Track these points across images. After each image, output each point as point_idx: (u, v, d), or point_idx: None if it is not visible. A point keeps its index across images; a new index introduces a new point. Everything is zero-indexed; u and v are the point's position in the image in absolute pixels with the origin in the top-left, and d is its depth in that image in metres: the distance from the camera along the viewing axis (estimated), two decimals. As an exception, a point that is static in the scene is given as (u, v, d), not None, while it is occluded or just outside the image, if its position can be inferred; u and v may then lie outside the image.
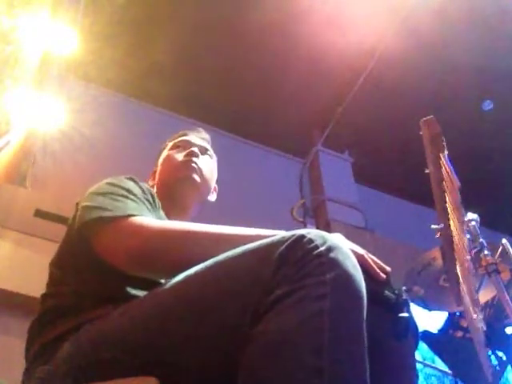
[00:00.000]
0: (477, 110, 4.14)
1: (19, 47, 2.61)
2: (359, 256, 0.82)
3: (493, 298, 2.24)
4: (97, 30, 3.25)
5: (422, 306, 2.41)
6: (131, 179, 1.07)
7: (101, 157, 3.39)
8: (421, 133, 1.66)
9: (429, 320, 2.67)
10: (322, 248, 0.70)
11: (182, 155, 1.26)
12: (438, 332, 2.60)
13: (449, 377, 3.02)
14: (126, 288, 0.95)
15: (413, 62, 3.81)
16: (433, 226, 1.56)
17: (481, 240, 1.77)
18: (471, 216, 1.79)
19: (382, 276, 0.84)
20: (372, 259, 0.86)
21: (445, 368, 2.66)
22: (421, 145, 1.66)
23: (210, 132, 1.42)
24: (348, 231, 3.70)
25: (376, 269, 0.84)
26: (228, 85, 4.01)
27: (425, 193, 1.76)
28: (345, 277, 0.68)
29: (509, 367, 2.43)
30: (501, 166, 4.50)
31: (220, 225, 0.91)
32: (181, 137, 1.34)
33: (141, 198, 1.02)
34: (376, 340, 0.71)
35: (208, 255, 0.80)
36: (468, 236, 1.64)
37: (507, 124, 4.22)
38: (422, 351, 3.10)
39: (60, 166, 3.20)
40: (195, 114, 3.71)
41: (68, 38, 3.01)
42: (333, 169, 4.42)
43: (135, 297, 0.93)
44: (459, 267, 1.46)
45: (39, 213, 2.84)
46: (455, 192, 1.59)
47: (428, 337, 2.57)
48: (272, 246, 0.73)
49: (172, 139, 1.35)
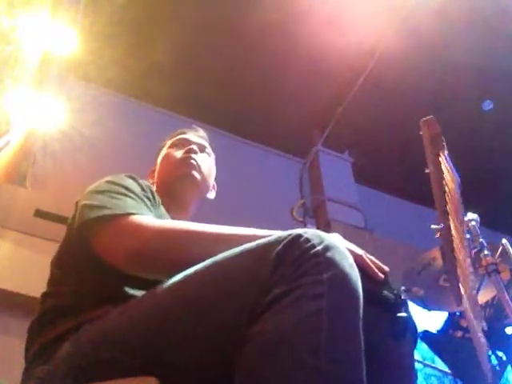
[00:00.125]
0: (477, 110, 4.14)
1: (19, 47, 2.61)
2: (357, 256, 0.82)
3: (493, 298, 2.24)
4: (97, 30, 3.25)
5: (422, 306, 2.41)
6: (131, 177, 1.08)
7: (101, 157, 3.39)
8: (421, 133, 1.66)
9: (429, 320, 2.67)
10: (319, 247, 0.70)
11: (181, 153, 1.27)
12: (438, 332, 2.59)
13: (449, 377, 3.02)
14: (126, 288, 0.95)
15: (413, 62, 3.81)
16: (433, 226, 1.56)
17: (481, 240, 1.77)
18: (471, 216, 1.79)
19: (380, 276, 0.84)
20: (370, 259, 0.86)
21: (445, 368, 2.66)
22: (421, 145, 1.66)
23: (210, 132, 1.43)
24: (348, 231, 3.70)
25: (374, 269, 0.84)
26: (228, 85, 4.01)
27: (425, 193, 1.76)
28: (341, 276, 0.68)
29: (509, 367, 2.43)
30: (501, 166, 4.50)
31: (220, 225, 0.91)
32: (179, 135, 1.35)
33: (140, 196, 1.02)
34: (374, 340, 0.71)
35: (207, 255, 0.80)
36: (468, 236, 1.64)
37: (507, 124, 4.22)
38: (422, 351, 3.10)
39: (60, 166, 3.20)
40: (195, 114, 3.70)
41: (68, 38, 3.01)
42: (333, 169, 4.42)
43: (135, 297, 0.93)
44: (459, 267, 1.46)
45: (39, 213, 2.84)
46: (455, 192, 1.59)
47: (428, 337, 2.57)
48: (269, 246, 0.73)
49: (170, 138, 1.36)
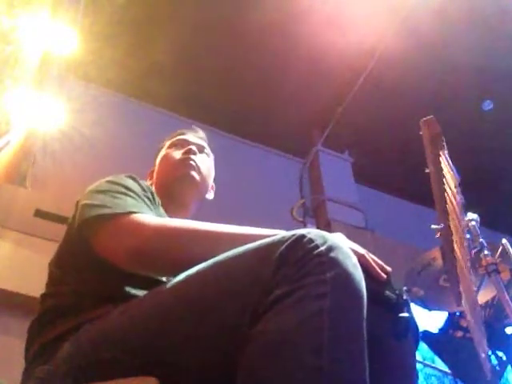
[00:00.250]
0: (477, 110, 4.14)
1: (19, 47, 2.61)
2: (360, 256, 0.82)
3: (493, 298, 2.24)
4: (97, 30, 3.25)
5: (422, 306, 2.41)
6: (131, 177, 1.08)
7: (101, 157, 3.39)
8: (421, 133, 1.66)
9: (429, 320, 2.67)
10: (323, 248, 0.70)
11: (180, 153, 1.27)
12: (438, 332, 2.59)
13: (449, 377, 3.02)
14: (126, 287, 0.95)
15: (413, 62, 3.81)
16: (433, 226, 1.56)
17: (481, 240, 1.76)
18: (471, 216, 1.78)
19: (383, 276, 0.84)
20: (373, 259, 0.86)
21: (445, 368, 2.66)
22: (421, 145, 1.66)
23: (210, 132, 1.43)
24: (348, 231, 3.69)
25: (377, 269, 0.84)
26: (228, 85, 4.01)
27: (425, 193, 1.76)
28: (345, 276, 0.68)
29: (509, 367, 2.43)
30: (501, 166, 4.50)
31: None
32: (178, 136, 1.35)
33: (140, 196, 1.02)
34: (376, 340, 0.71)
35: (208, 254, 0.80)
36: (468, 236, 1.64)
37: (507, 124, 4.22)
38: (422, 351, 3.10)
39: (60, 166, 3.20)
40: (195, 114, 3.70)
41: (68, 38, 3.01)
42: (333, 169, 4.42)
43: (135, 296, 0.93)
44: (459, 267, 1.46)
45: (39, 213, 2.85)
46: (455, 192, 1.59)
47: (428, 337, 2.57)
48: (272, 246, 0.73)
49: (169, 138, 1.36)
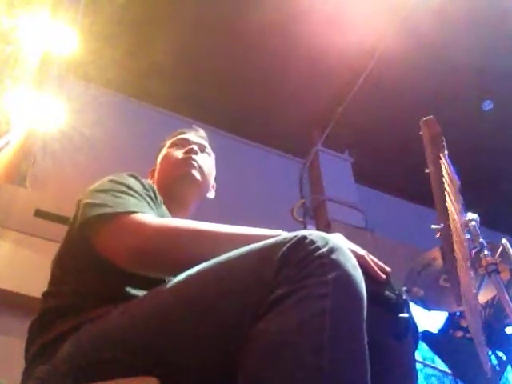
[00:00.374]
0: (477, 110, 4.14)
1: (19, 47, 2.61)
2: (360, 257, 0.83)
3: (493, 298, 2.24)
4: (97, 30, 3.25)
5: (422, 306, 2.41)
6: (132, 176, 1.07)
7: (101, 157, 3.39)
8: (421, 133, 1.66)
9: (429, 320, 2.66)
10: (324, 249, 0.70)
11: (181, 153, 1.27)
12: (438, 332, 2.59)
13: (449, 377, 3.02)
14: (127, 288, 0.95)
15: (413, 62, 3.81)
16: (433, 226, 1.56)
17: (481, 240, 1.76)
18: (471, 216, 1.78)
19: (382, 276, 0.84)
20: (372, 260, 0.86)
21: (445, 368, 2.66)
22: (421, 145, 1.66)
23: (210, 132, 1.43)
24: (348, 231, 3.70)
25: (376, 269, 0.84)
26: (228, 85, 4.01)
27: (425, 193, 1.76)
28: (346, 277, 0.69)
29: (509, 367, 2.43)
30: (501, 166, 4.50)
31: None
32: (179, 135, 1.35)
33: (142, 195, 1.02)
34: (376, 340, 0.71)
35: (209, 254, 0.80)
36: (468, 236, 1.64)
37: (507, 124, 4.22)
38: (422, 351, 3.10)
39: (60, 166, 3.20)
40: (195, 114, 3.70)
41: (68, 38, 3.01)
42: (333, 169, 4.42)
43: (136, 297, 0.92)
44: (459, 267, 1.46)
45: (39, 213, 2.85)
46: (455, 192, 1.59)
47: (428, 337, 2.57)
48: (274, 247, 0.73)
49: (170, 138, 1.36)
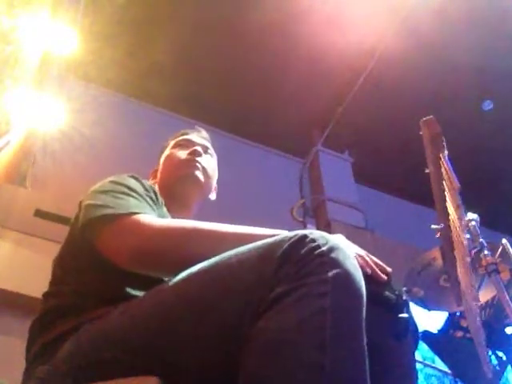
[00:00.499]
0: (477, 110, 4.14)
1: (19, 47, 2.61)
2: (360, 257, 0.83)
3: (493, 298, 2.24)
4: (97, 30, 3.25)
5: (422, 307, 2.41)
6: (133, 177, 1.08)
7: (101, 157, 3.39)
8: (421, 133, 1.66)
9: (429, 320, 2.66)
10: (324, 248, 0.70)
11: (185, 153, 1.27)
12: (438, 332, 2.59)
13: (449, 377, 3.02)
14: (128, 288, 0.95)
15: (413, 62, 3.81)
16: (433, 226, 1.56)
17: (481, 240, 1.76)
18: (471, 216, 1.78)
19: (382, 277, 0.84)
20: (373, 260, 0.87)
21: (445, 368, 2.66)
22: (421, 145, 1.66)
23: (210, 132, 1.43)
24: (348, 231, 3.70)
25: (376, 270, 0.84)
26: (228, 85, 4.01)
27: (425, 193, 1.76)
28: (345, 276, 0.69)
29: (509, 367, 2.43)
30: (501, 166, 4.50)
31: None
32: (182, 136, 1.35)
33: (143, 196, 1.02)
34: (376, 340, 0.71)
35: (210, 254, 0.80)
36: (468, 236, 1.64)
37: (507, 124, 4.22)
38: (422, 351, 3.10)
39: (60, 166, 3.20)
40: (195, 114, 3.70)
41: (68, 38, 3.01)
42: (333, 169, 4.42)
43: (137, 297, 0.92)
44: (459, 267, 1.47)
45: (39, 213, 2.85)
46: (455, 192, 1.59)
47: (428, 337, 2.57)
48: (274, 245, 0.73)
49: (173, 138, 1.36)
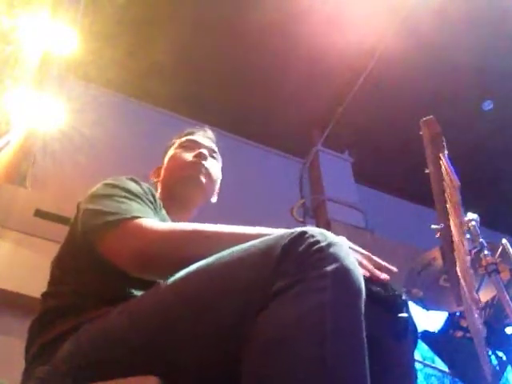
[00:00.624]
0: (477, 110, 4.14)
1: (19, 47, 2.61)
2: (361, 257, 0.84)
3: (493, 298, 2.24)
4: (97, 30, 3.25)
5: (422, 307, 2.41)
6: (132, 179, 1.07)
7: (101, 157, 3.39)
8: (421, 133, 1.66)
9: (429, 320, 2.67)
10: (323, 244, 0.71)
11: (190, 156, 1.25)
12: (438, 332, 2.59)
13: (449, 377, 3.02)
14: (128, 288, 0.95)
15: (413, 62, 3.81)
16: (433, 226, 1.56)
17: (481, 240, 1.76)
18: (471, 216, 1.79)
19: (382, 278, 0.84)
20: (376, 261, 0.87)
21: (445, 368, 2.66)
22: (421, 145, 1.66)
23: (210, 132, 1.42)
24: (348, 231, 3.70)
25: (375, 272, 0.84)
26: (228, 85, 4.01)
27: (425, 193, 1.76)
28: (344, 271, 0.69)
29: (509, 367, 2.43)
30: (501, 166, 4.50)
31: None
32: (188, 135, 1.33)
33: (144, 199, 1.02)
34: (375, 340, 0.71)
35: (211, 255, 0.80)
36: (468, 236, 1.64)
37: (507, 124, 4.22)
38: (422, 351, 3.10)
39: (60, 166, 3.20)
40: (195, 114, 3.70)
41: (68, 38, 3.01)
42: (333, 169, 4.42)
43: (136, 297, 0.93)
44: (459, 267, 1.47)
45: (39, 213, 2.85)
46: (455, 192, 1.59)
47: (428, 337, 2.57)
48: (274, 242, 0.73)
49: (178, 137, 1.34)
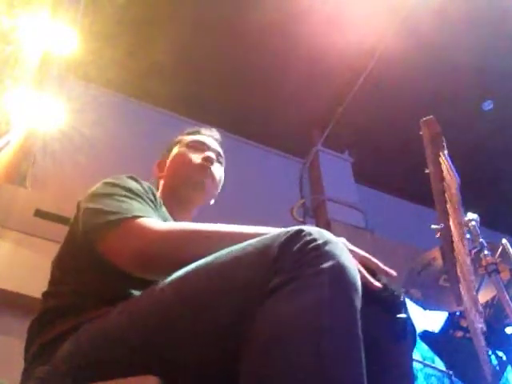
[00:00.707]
0: (477, 110, 4.14)
1: (19, 47, 2.61)
2: (361, 258, 0.85)
3: (493, 298, 2.24)
4: (97, 30, 3.25)
5: (421, 307, 2.41)
6: (132, 178, 1.07)
7: (101, 157, 3.39)
8: (421, 133, 1.66)
9: (429, 320, 2.67)
10: (320, 241, 0.71)
11: (198, 158, 1.24)
12: (438, 332, 2.59)
13: (449, 377, 3.02)
14: (127, 288, 0.95)
15: (413, 62, 3.81)
16: (433, 226, 1.56)
17: (481, 240, 1.76)
18: (471, 216, 1.79)
19: (375, 286, 0.82)
20: (376, 263, 0.87)
21: (444, 368, 2.66)
22: (421, 145, 1.66)
23: (210, 132, 1.42)
24: (348, 231, 3.70)
25: (370, 281, 0.83)
26: (228, 85, 4.01)
27: (425, 193, 1.76)
28: (341, 268, 0.69)
29: (509, 367, 2.43)
30: (501, 166, 4.50)
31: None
32: (195, 135, 1.32)
33: (144, 198, 1.01)
34: (374, 340, 0.71)
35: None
36: (468, 236, 1.64)
37: (507, 124, 4.23)
38: (422, 351, 3.10)
39: (60, 166, 3.20)
40: (195, 114, 3.70)
41: (68, 38, 3.01)
42: (333, 169, 4.42)
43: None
44: (459, 267, 1.47)
45: (39, 213, 2.85)
46: (455, 192, 1.59)
47: (428, 337, 2.57)
48: (271, 241, 0.74)
49: (185, 134, 1.33)
